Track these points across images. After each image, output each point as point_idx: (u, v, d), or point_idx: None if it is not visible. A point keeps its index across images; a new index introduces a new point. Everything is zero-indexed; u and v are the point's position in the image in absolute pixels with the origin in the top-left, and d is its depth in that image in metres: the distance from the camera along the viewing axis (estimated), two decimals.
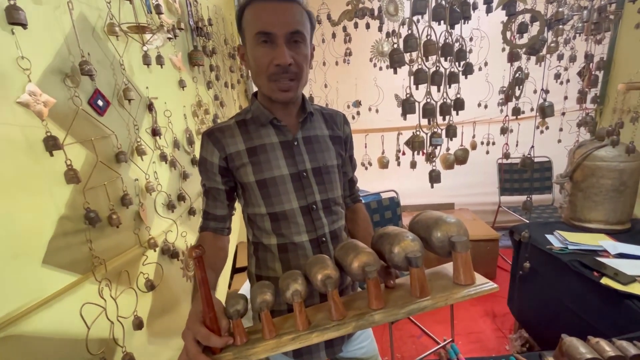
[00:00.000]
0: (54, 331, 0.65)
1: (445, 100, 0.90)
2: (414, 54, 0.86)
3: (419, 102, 0.85)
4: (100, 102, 0.82)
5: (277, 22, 0.66)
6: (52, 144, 0.65)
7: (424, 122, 0.93)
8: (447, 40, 0.83)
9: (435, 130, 0.97)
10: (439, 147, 0.98)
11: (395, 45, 0.80)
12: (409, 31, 0.79)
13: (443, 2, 0.77)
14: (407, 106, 0.84)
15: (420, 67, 0.82)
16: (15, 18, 0.58)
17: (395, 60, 0.82)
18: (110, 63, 0.88)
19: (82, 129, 0.75)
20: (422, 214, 0.71)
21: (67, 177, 0.69)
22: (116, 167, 0.86)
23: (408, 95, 0.81)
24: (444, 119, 0.93)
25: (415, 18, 0.78)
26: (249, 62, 0.73)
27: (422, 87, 0.91)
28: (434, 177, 0.99)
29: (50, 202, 0.67)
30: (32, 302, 0.61)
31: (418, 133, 0.93)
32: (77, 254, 0.73)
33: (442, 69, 0.86)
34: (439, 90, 0.90)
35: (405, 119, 0.85)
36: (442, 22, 0.81)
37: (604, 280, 1.18)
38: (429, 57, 0.84)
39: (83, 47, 0.75)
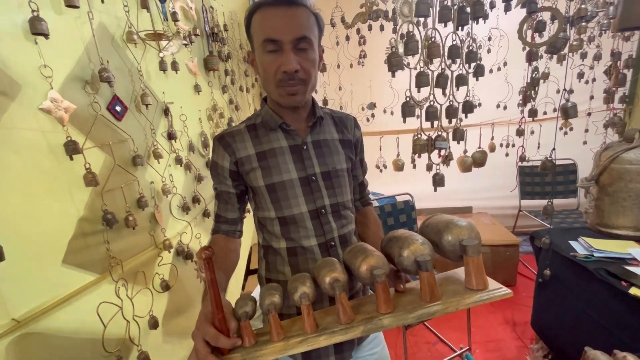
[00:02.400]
0: (72, 329, 0.67)
1: (451, 102, 0.87)
2: (417, 56, 0.85)
3: (420, 106, 0.83)
4: (118, 108, 0.84)
5: (283, 28, 0.66)
6: (72, 149, 0.67)
7: (429, 124, 0.91)
8: (455, 42, 0.80)
9: (440, 133, 0.94)
10: (444, 150, 0.96)
11: (394, 49, 0.79)
12: (411, 33, 0.77)
13: (449, 4, 0.75)
14: (406, 109, 0.82)
15: (422, 69, 0.81)
16: (38, 29, 0.61)
17: (392, 64, 0.81)
18: (129, 69, 0.91)
19: (100, 133, 0.78)
20: (433, 217, 0.69)
21: (86, 180, 0.71)
22: (133, 170, 0.89)
23: (408, 98, 0.79)
24: (450, 122, 0.90)
25: (418, 19, 0.77)
26: (258, 68, 0.73)
27: (428, 90, 0.89)
28: (438, 181, 0.96)
29: (70, 204, 0.69)
30: (52, 300, 0.63)
31: (419, 136, 0.91)
32: (95, 254, 0.75)
33: (447, 72, 0.84)
34: (444, 94, 0.88)
35: (404, 121, 0.84)
36: (450, 23, 0.79)
37: (633, 291, 1.11)
38: (434, 60, 0.82)
39: (102, 54, 0.78)
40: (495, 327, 2.03)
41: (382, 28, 1.97)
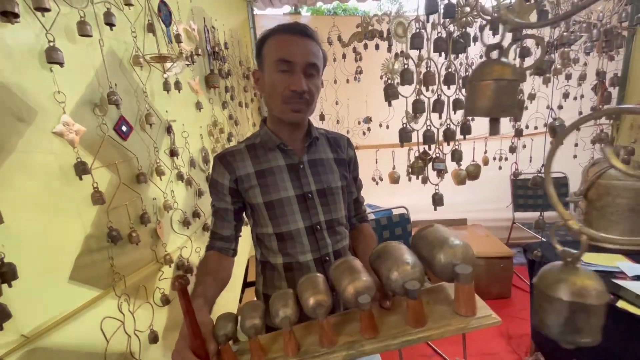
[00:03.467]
0: (76, 344, 0.69)
1: (449, 126, 0.93)
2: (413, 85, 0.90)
3: (417, 131, 0.88)
4: (124, 128, 0.88)
5: (297, 52, 0.73)
6: (81, 169, 0.71)
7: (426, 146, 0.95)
8: (450, 69, 0.86)
9: (438, 155, 0.99)
10: (442, 172, 1.01)
11: (390, 81, 0.85)
12: (405, 66, 0.83)
13: (443, 35, 0.81)
14: (403, 135, 0.87)
15: (418, 97, 0.86)
16: (54, 58, 0.65)
17: (389, 95, 0.86)
18: (134, 91, 0.96)
19: (107, 153, 0.82)
20: (428, 228, 0.66)
21: (94, 199, 0.74)
22: (136, 187, 0.92)
23: (405, 125, 0.84)
24: (448, 144, 0.95)
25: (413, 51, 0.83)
26: (264, 85, 0.79)
27: (428, 114, 0.94)
28: (437, 200, 1.01)
29: (78, 222, 0.72)
30: (59, 316, 0.66)
31: (417, 159, 0.95)
32: (100, 270, 0.78)
33: (444, 97, 0.89)
34: (440, 118, 0.93)
35: (402, 146, 0.88)
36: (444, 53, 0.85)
37: (620, 304, 1.15)
38: (429, 87, 0.88)
39: (111, 78, 0.82)
40: (490, 339, 2.04)
41: (377, 47, 2.05)
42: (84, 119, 0.75)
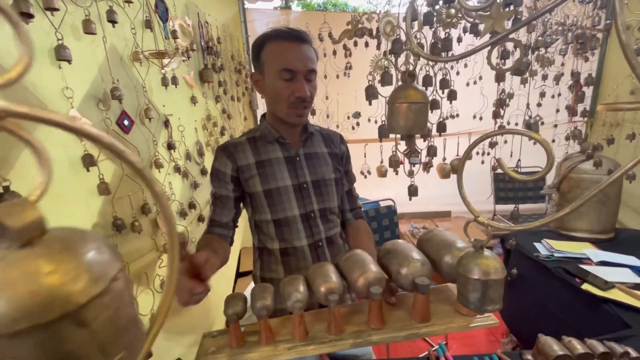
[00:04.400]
0: None
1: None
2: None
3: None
4: (126, 122, 0.92)
5: (299, 61, 0.79)
6: (89, 161, 0.75)
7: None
8: (429, 73, 0.93)
9: (413, 150, 1.07)
10: (417, 165, 1.09)
11: (370, 82, 0.91)
12: (386, 69, 0.89)
13: (423, 41, 0.88)
14: (382, 132, 0.95)
15: None
16: (62, 55, 0.69)
17: (369, 94, 0.93)
18: (134, 86, 0.99)
19: None
20: (433, 232, 0.68)
21: (100, 190, 0.79)
22: (138, 179, 0.96)
23: (383, 122, 0.91)
24: (424, 140, 1.03)
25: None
26: (265, 88, 0.84)
27: None
28: (412, 191, 1.09)
29: (86, 211, 0.76)
30: None
31: (394, 153, 1.03)
32: None
33: None
34: None
35: (381, 141, 0.95)
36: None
37: (585, 286, 1.26)
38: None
39: (113, 74, 0.86)
40: None
41: (367, 45, 2.10)
42: (89, 114, 0.79)
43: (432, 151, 1.07)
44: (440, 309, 0.62)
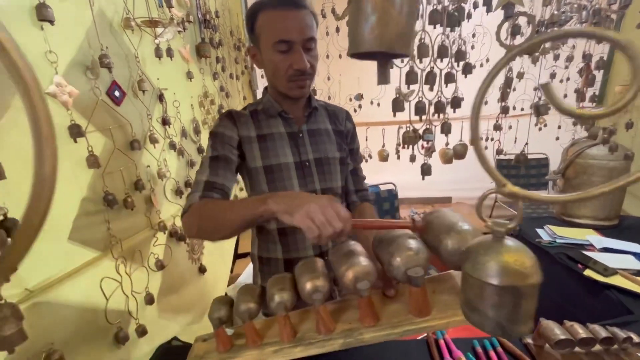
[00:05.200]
0: (78, 300, 0.72)
1: (439, 98, 0.95)
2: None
3: (409, 101, 0.90)
4: (117, 93, 0.87)
5: (294, 30, 0.72)
6: (76, 132, 0.71)
7: (419, 117, 0.98)
8: (444, 42, 0.88)
9: (428, 126, 1.02)
10: (431, 142, 1.04)
11: None
12: None
13: (439, 8, 0.82)
14: (395, 104, 0.89)
15: (411, 68, 0.88)
16: (44, 15, 0.64)
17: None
18: (126, 55, 0.94)
19: (101, 118, 0.81)
20: (434, 213, 0.60)
21: (89, 162, 0.75)
22: (131, 154, 0.92)
23: (397, 95, 0.86)
24: (438, 116, 0.98)
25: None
26: (264, 63, 0.78)
27: (420, 85, 0.96)
28: (425, 170, 1.05)
29: (74, 184, 0.73)
30: (60, 274, 0.68)
31: (409, 129, 0.98)
32: (97, 233, 0.80)
33: (436, 69, 0.91)
34: (431, 90, 0.95)
35: (394, 115, 0.90)
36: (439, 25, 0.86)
37: (587, 272, 1.25)
38: (423, 59, 0.89)
39: (102, 40, 0.81)
40: None
41: None
42: (77, 82, 0.74)
43: (446, 128, 1.02)
44: (442, 300, 0.55)
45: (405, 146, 1.05)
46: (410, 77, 0.89)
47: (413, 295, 0.53)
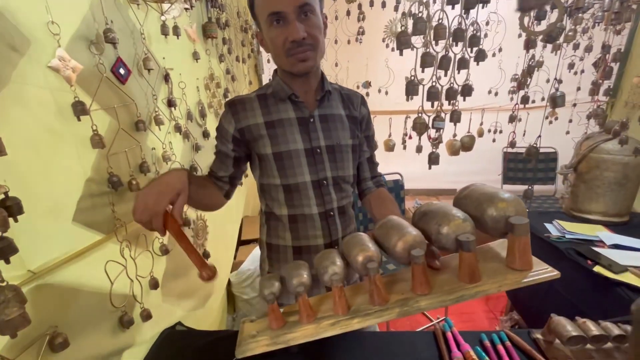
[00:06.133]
0: (82, 283, 0.71)
1: (452, 85, 0.91)
2: (424, 37, 0.87)
3: (423, 85, 0.86)
4: (122, 71, 0.84)
5: (284, 0, 0.67)
6: (80, 109, 0.68)
7: (428, 105, 0.94)
8: (461, 25, 0.83)
9: (439, 114, 0.98)
10: (441, 130, 1.01)
11: (404, 28, 0.81)
12: (420, 14, 0.79)
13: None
14: (410, 88, 0.86)
15: (428, 50, 0.83)
16: None
17: (402, 42, 0.83)
18: (131, 32, 0.90)
19: (105, 95, 0.78)
20: (470, 187, 0.63)
21: (93, 142, 0.72)
22: (136, 135, 0.89)
23: (412, 77, 0.82)
24: (449, 104, 0.94)
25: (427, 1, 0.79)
26: (267, 45, 0.75)
27: (431, 71, 0.91)
28: (433, 159, 1.02)
29: (77, 164, 0.70)
30: (64, 255, 0.66)
31: (420, 115, 0.95)
32: (101, 215, 0.77)
33: (451, 54, 0.87)
34: (445, 75, 0.91)
35: (408, 100, 0.87)
36: (456, 6, 0.81)
37: (597, 269, 1.23)
38: (439, 41, 0.85)
39: (106, 14, 0.76)
40: (469, 300, 2.18)
41: (384, 5, 1.95)
42: (81, 56, 0.70)
43: (455, 116, 0.99)
44: (489, 267, 0.56)
45: (416, 133, 1.01)
46: (426, 60, 0.85)
47: (464, 261, 0.54)
